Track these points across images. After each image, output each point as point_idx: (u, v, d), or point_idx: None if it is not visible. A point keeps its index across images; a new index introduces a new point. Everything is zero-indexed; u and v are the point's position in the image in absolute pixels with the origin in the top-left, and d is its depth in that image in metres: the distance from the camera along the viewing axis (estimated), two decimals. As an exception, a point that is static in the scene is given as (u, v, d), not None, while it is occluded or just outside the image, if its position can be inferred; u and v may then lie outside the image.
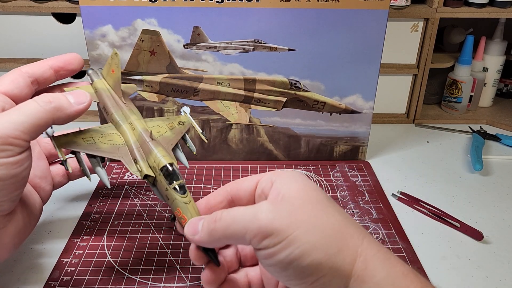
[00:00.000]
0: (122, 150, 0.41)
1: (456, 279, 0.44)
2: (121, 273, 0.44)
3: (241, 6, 0.54)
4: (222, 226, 0.32)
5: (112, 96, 0.44)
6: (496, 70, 0.80)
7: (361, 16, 0.55)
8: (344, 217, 0.32)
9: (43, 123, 0.35)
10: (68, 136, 0.40)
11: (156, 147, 0.40)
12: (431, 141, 0.72)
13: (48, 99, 0.36)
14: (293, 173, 0.35)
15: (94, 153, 0.40)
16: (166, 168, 0.38)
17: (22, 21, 0.68)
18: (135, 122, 0.42)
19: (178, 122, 0.46)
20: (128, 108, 0.43)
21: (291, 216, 0.31)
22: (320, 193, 0.33)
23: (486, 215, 0.54)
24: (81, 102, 0.38)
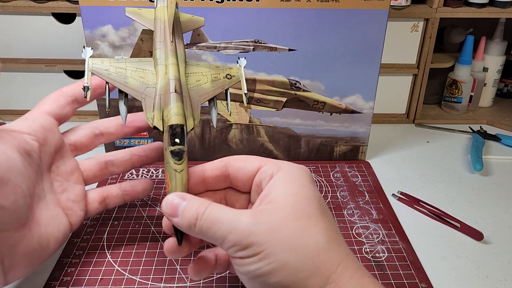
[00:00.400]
0: (148, 91, 0.39)
1: (456, 279, 0.44)
2: (121, 273, 0.44)
3: (241, 6, 0.54)
4: (202, 227, 0.32)
5: (164, 29, 0.41)
6: (496, 70, 0.80)
7: (361, 16, 0.55)
8: (326, 235, 0.31)
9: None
10: (104, 62, 0.40)
11: (175, 102, 0.37)
12: (431, 141, 0.72)
13: None
14: (295, 170, 0.35)
15: (120, 87, 0.39)
16: (173, 127, 0.36)
17: (22, 21, 0.68)
18: (171, 67, 0.39)
19: (226, 74, 0.42)
20: (173, 48, 0.40)
21: (270, 231, 0.30)
22: (313, 202, 0.32)
23: (486, 215, 0.54)
24: None
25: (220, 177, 0.38)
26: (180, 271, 0.44)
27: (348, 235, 0.49)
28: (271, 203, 0.32)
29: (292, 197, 0.32)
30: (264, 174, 0.35)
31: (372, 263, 0.45)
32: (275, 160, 0.36)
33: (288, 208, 0.31)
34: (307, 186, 0.34)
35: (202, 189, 0.39)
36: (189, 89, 0.40)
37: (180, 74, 0.40)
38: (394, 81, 0.75)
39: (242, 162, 0.37)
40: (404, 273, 0.44)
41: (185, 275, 0.43)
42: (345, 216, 0.52)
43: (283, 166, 0.35)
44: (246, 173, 0.37)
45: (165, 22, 0.42)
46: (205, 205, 0.33)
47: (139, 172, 0.60)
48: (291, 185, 0.33)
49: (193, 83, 0.41)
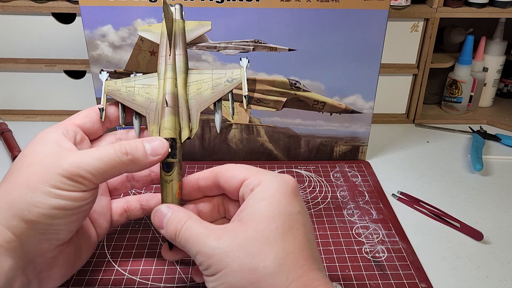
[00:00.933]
0: (152, 106, 0.42)
1: (456, 279, 0.44)
2: (121, 273, 0.44)
3: (241, 6, 0.54)
4: (180, 243, 0.35)
5: (166, 43, 0.43)
6: (496, 70, 0.80)
7: (361, 16, 0.55)
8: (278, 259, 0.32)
9: (116, 172, 0.36)
10: (117, 83, 0.43)
11: (167, 116, 0.39)
12: (431, 141, 0.72)
13: (126, 150, 0.36)
14: (274, 184, 0.35)
15: (129, 105, 0.42)
16: None
17: (22, 21, 0.68)
18: (167, 81, 0.41)
19: (227, 79, 0.43)
20: (171, 61, 0.42)
21: (228, 253, 0.32)
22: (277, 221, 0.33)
23: (486, 215, 0.54)
24: (157, 154, 0.37)
25: (212, 186, 0.40)
26: (180, 271, 0.44)
27: (348, 235, 0.49)
28: (240, 222, 0.34)
29: (258, 216, 0.33)
30: (246, 188, 0.36)
31: (372, 263, 0.45)
32: (260, 172, 0.37)
33: (250, 229, 0.33)
34: (280, 202, 0.34)
35: (199, 195, 0.41)
36: (189, 98, 0.42)
37: (177, 87, 0.42)
38: (394, 81, 0.75)
39: (230, 173, 0.38)
40: (404, 273, 0.44)
41: (185, 275, 0.43)
42: (345, 216, 0.52)
43: (265, 179, 0.36)
44: (232, 185, 0.38)
45: (163, 34, 0.44)
46: (183, 221, 0.35)
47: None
48: (263, 202, 0.34)
49: (193, 92, 0.42)
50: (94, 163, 0.35)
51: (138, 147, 0.36)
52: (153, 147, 0.37)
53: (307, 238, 0.34)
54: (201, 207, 0.41)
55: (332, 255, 0.46)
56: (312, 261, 0.33)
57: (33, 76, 0.72)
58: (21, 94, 0.74)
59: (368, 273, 0.44)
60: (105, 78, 0.43)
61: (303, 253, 0.33)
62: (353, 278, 0.43)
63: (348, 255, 0.46)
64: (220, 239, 0.33)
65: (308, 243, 0.34)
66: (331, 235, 0.49)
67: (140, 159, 0.36)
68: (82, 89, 0.73)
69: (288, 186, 0.35)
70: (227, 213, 0.42)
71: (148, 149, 0.37)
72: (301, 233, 0.34)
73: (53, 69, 0.71)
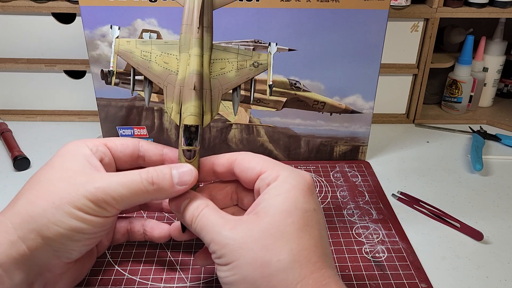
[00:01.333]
0: (170, 79, 0.38)
1: (456, 280, 0.44)
2: (121, 273, 0.44)
3: (241, 6, 0.54)
4: (195, 230, 0.36)
5: (193, 12, 0.38)
6: (496, 70, 0.80)
7: (361, 16, 0.55)
8: (293, 254, 0.32)
9: (141, 200, 0.36)
10: (130, 42, 0.39)
11: (193, 100, 0.37)
12: (431, 141, 0.72)
13: (152, 180, 0.35)
14: (291, 180, 0.35)
15: (144, 72, 0.38)
16: (188, 127, 0.37)
17: (21, 21, 0.68)
18: (193, 58, 0.37)
19: (253, 62, 0.40)
20: (199, 35, 0.38)
21: (241, 245, 0.32)
22: (293, 217, 0.33)
23: (486, 215, 0.54)
24: (184, 183, 0.36)
25: (227, 173, 0.40)
26: (180, 271, 0.44)
27: (348, 235, 0.49)
28: (256, 215, 0.34)
29: (273, 211, 0.33)
30: (262, 182, 0.36)
31: (372, 263, 0.45)
32: (277, 165, 0.37)
33: (265, 222, 0.33)
34: (297, 198, 0.34)
35: (213, 178, 0.41)
36: (212, 77, 0.39)
37: (203, 66, 0.38)
38: (394, 81, 0.75)
39: (247, 163, 0.38)
40: (404, 273, 0.44)
41: (184, 276, 0.43)
42: (345, 216, 0.52)
43: (282, 174, 0.36)
44: (248, 177, 0.38)
45: (195, 2, 0.38)
46: (200, 208, 0.36)
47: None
48: (279, 197, 0.34)
49: (217, 71, 0.39)
50: (120, 190, 0.34)
51: (166, 177, 0.36)
52: (180, 177, 0.36)
53: (321, 236, 0.34)
54: (215, 193, 0.41)
55: (332, 255, 0.46)
56: (324, 259, 0.33)
57: (33, 76, 0.72)
58: (21, 94, 0.74)
59: (368, 273, 0.44)
60: (116, 35, 0.39)
61: (316, 250, 0.33)
62: (353, 278, 0.43)
63: (348, 255, 0.46)
64: (235, 229, 0.33)
65: (321, 241, 0.34)
66: (331, 235, 0.49)
67: (166, 189, 0.36)
68: (82, 89, 0.73)
69: (305, 182, 0.35)
70: (240, 202, 0.42)
71: (175, 178, 0.36)
72: (316, 230, 0.34)
73: (53, 69, 0.71)
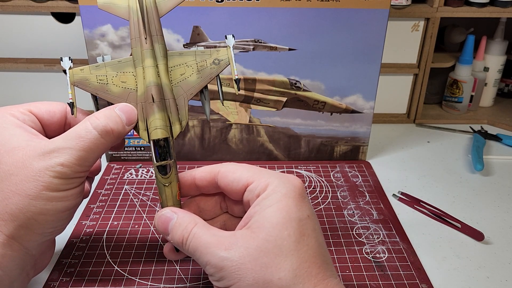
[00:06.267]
0: (131, 97, 0.37)
1: (457, 280, 0.44)
2: (121, 274, 0.43)
3: (241, 6, 0.53)
4: (188, 251, 0.34)
5: (138, 23, 0.37)
6: (497, 69, 0.79)
7: (362, 15, 0.55)
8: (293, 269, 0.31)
9: (104, 150, 0.35)
10: (84, 70, 0.38)
11: (156, 113, 0.36)
12: (431, 141, 0.72)
13: (110, 127, 0.34)
14: (282, 188, 0.34)
15: (104, 97, 0.37)
16: (155, 142, 0.36)
17: (21, 20, 0.68)
18: (147, 70, 0.36)
19: (213, 60, 0.38)
20: (148, 45, 0.37)
21: (239, 266, 0.31)
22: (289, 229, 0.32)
23: (487, 215, 0.54)
24: (132, 122, 0.36)
25: (210, 186, 0.38)
26: (180, 272, 0.44)
27: (348, 235, 0.49)
28: (250, 229, 0.33)
29: (268, 224, 0.32)
30: (251, 194, 0.35)
31: (372, 263, 0.45)
32: (264, 173, 0.35)
33: (261, 238, 0.32)
34: (289, 207, 0.33)
35: (196, 193, 0.40)
36: (174, 86, 0.38)
37: (160, 76, 0.37)
38: (394, 81, 0.74)
39: (231, 175, 0.36)
40: (404, 273, 0.44)
41: (184, 276, 0.43)
42: (345, 217, 0.52)
43: (270, 183, 0.34)
44: (234, 190, 0.36)
45: (137, 11, 0.37)
46: (189, 227, 0.34)
47: (138, 172, 0.60)
48: (271, 208, 0.33)
49: (177, 78, 0.38)
50: (84, 155, 0.34)
51: (117, 120, 0.35)
52: (126, 116, 0.36)
53: (318, 244, 0.33)
54: (202, 204, 0.40)
55: (333, 256, 0.46)
56: (325, 268, 0.32)
57: (32, 76, 0.72)
58: (21, 94, 0.74)
59: (369, 273, 0.44)
60: (68, 67, 0.38)
61: (316, 261, 0.32)
62: (354, 278, 0.43)
63: (349, 256, 0.46)
64: (231, 249, 0.32)
65: (320, 249, 0.33)
66: (331, 236, 0.49)
67: (119, 130, 0.35)
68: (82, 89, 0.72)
69: (296, 189, 0.34)
70: (230, 209, 0.40)
71: (123, 118, 0.35)
72: (313, 239, 0.33)
73: (53, 68, 0.71)
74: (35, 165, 0.33)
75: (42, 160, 0.33)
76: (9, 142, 0.34)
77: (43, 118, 0.39)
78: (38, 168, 0.33)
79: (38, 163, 0.33)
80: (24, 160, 0.33)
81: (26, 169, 0.33)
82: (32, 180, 0.33)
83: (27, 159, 0.33)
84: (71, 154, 0.33)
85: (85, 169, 0.35)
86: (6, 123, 0.35)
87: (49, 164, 0.33)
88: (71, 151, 0.33)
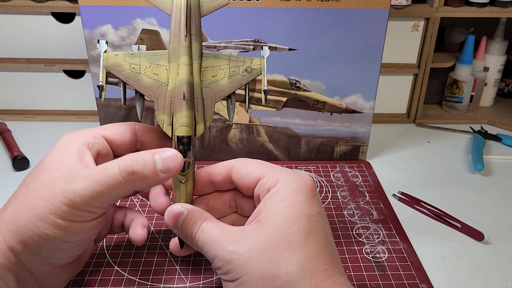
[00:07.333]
0: (161, 90, 0.37)
1: (457, 280, 0.44)
2: (121, 274, 0.43)
3: (241, 6, 0.53)
4: (196, 245, 0.34)
5: (180, 20, 0.37)
6: (497, 69, 0.79)
7: (362, 15, 0.55)
8: (301, 264, 0.31)
9: (124, 193, 0.34)
10: (119, 56, 0.38)
11: (184, 110, 0.36)
12: (431, 141, 0.72)
13: (132, 169, 0.32)
14: (292, 184, 0.34)
15: (134, 86, 0.37)
16: (180, 139, 0.36)
17: (21, 20, 0.68)
18: (182, 67, 0.37)
19: (246, 68, 0.39)
20: (187, 43, 0.37)
21: (247, 259, 0.31)
22: (297, 224, 0.32)
23: (487, 215, 0.54)
24: (169, 170, 0.33)
25: (224, 182, 0.39)
26: (180, 272, 0.44)
27: (348, 235, 0.49)
28: (259, 223, 0.33)
29: (277, 219, 0.32)
30: (261, 188, 0.35)
31: (372, 263, 0.45)
32: (276, 169, 0.36)
33: (269, 232, 0.32)
34: (300, 203, 0.33)
35: (210, 190, 0.40)
36: (204, 86, 0.38)
37: (193, 75, 0.37)
38: (394, 81, 0.74)
39: (245, 170, 0.37)
40: (404, 273, 0.44)
41: (184, 276, 0.43)
42: (345, 217, 0.52)
43: (281, 178, 0.35)
44: (246, 184, 0.37)
45: (181, 10, 0.37)
46: (199, 223, 0.34)
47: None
48: (281, 203, 0.33)
49: (208, 79, 0.38)
50: (98, 188, 0.32)
51: (148, 164, 0.33)
52: (164, 163, 0.33)
53: (327, 241, 0.33)
54: (212, 203, 0.40)
55: (333, 256, 0.46)
56: (333, 265, 0.32)
57: (32, 76, 0.72)
58: (20, 94, 0.74)
59: (369, 273, 0.44)
60: (104, 49, 0.38)
61: (324, 257, 0.32)
62: (354, 278, 0.43)
63: (349, 256, 0.46)
64: (239, 243, 0.32)
65: (328, 246, 0.33)
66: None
67: (149, 178, 0.33)
68: (82, 89, 0.73)
69: (307, 185, 0.34)
70: (239, 209, 0.40)
71: (159, 165, 0.33)
72: (322, 235, 0.33)
73: (53, 68, 0.71)
74: (55, 188, 0.33)
75: (63, 184, 0.33)
76: (58, 164, 0.35)
77: (114, 140, 0.39)
78: (55, 191, 0.33)
79: (58, 186, 0.33)
80: (52, 181, 0.33)
81: (48, 189, 0.33)
82: (45, 201, 0.33)
83: (55, 180, 0.33)
84: (86, 184, 0.32)
85: (97, 205, 0.33)
86: (70, 145, 0.36)
87: (65, 189, 0.32)
88: (88, 181, 0.33)
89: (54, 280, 0.37)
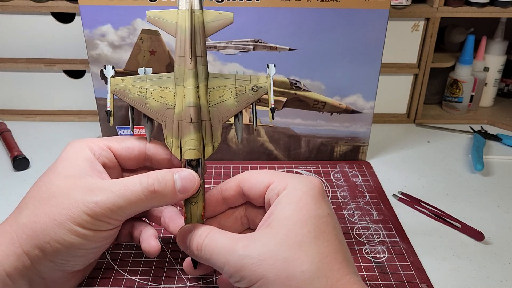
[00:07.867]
0: (168, 113, 0.38)
1: (457, 280, 0.44)
2: (121, 274, 0.43)
3: (241, 6, 0.53)
4: (203, 257, 0.34)
5: (184, 42, 0.37)
6: (497, 69, 0.79)
7: (362, 15, 0.55)
8: (316, 263, 0.31)
9: (142, 209, 0.35)
10: (125, 80, 0.38)
11: (191, 133, 0.36)
12: (431, 141, 0.72)
13: (154, 188, 0.34)
14: (301, 187, 0.34)
15: (141, 109, 0.38)
16: (188, 162, 0.37)
17: (21, 20, 0.68)
18: (188, 90, 0.37)
19: (252, 87, 0.39)
20: (192, 66, 0.37)
21: (260, 263, 0.31)
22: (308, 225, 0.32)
23: (487, 215, 0.54)
24: (186, 191, 0.35)
25: (236, 196, 0.39)
26: (180, 272, 0.44)
27: (348, 235, 0.49)
28: (269, 227, 0.33)
29: (287, 221, 0.32)
30: (271, 193, 0.35)
31: (372, 263, 0.45)
32: (284, 175, 0.36)
33: (281, 234, 0.32)
34: (309, 205, 0.33)
35: (223, 208, 0.40)
36: (211, 107, 0.38)
37: (200, 97, 0.38)
38: (394, 81, 0.74)
39: (254, 179, 0.37)
40: (404, 273, 0.44)
41: (184, 276, 0.43)
42: (345, 217, 0.52)
43: (290, 183, 0.35)
44: (257, 192, 0.37)
45: (185, 32, 0.37)
46: (204, 235, 0.34)
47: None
48: (291, 206, 0.33)
49: (215, 100, 0.39)
50: (120, 202, 0.34)
51: (168, 184, 0.34)
52: (183, 184, 0.35)
53: (339, 241, 0.33)
54: (223, 221, 0.40)
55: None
56: (347, 264, 0.32)
57: (32, 76, 0.72)
58: (20, 94, 0.74)
59: (369, 273, 0.44)
60: (111, 75, 0.38)
61: (337, 256, 0.32)
62: (354, 278, 0.43)
63: (349, 256, 0.46)
64: (249, 247, 0.31)
65: (340, 246, 0.33)
66: (331, 236, 0.49)
67: (168, 197, 0.35)
68: (82, 89, 0.73)
69: (316, 188, 0.34)
70: (252, 223, 0.40)
71: (178, 185, 0.35)
72: (333, 236, 0.33)
73: (53, 68, 0.71)
74: (75, 196, 0.34)
75: (84, 194, 0.34)
76: (70, 169, 0.35)
77: (121, 155, 0.40)
78: (76, 199, 0.33)
79: (78, 195, 0.34)
80: (70, 188, 0.34)
81: (67, 196, 0.34)
82: (65, 208, 0.33)
83: (73, 188, 0.34)
84: (108, 197, 0.34)
85: (116, 218, 0.35)
86: (80, 152, 0.37)
87: (86, 199, 0.33)
88: (110, 194, 0.34)
89: (63, 285, 0.38)
